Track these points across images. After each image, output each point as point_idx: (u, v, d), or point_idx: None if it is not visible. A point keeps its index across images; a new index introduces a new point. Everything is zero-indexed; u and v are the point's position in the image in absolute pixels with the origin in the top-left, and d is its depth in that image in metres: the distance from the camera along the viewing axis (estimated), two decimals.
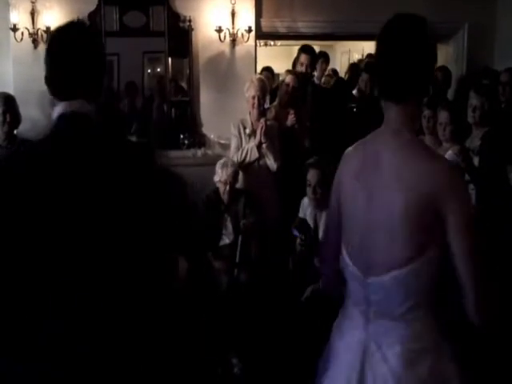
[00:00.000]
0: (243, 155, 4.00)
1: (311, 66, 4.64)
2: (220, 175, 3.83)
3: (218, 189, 3.89)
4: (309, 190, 3.43)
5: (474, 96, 3.50)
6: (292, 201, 4.14)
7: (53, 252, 1.40)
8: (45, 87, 1.55)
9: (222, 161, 3.96)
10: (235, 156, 4.03)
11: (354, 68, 6.02)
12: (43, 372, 1.40)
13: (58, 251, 1.40)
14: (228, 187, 3.82)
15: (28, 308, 1.41)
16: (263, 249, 3.84)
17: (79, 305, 1.40)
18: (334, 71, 6.56)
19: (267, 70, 5.69)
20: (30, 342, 1.40)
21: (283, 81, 4.47)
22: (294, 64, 4.96)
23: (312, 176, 3.39)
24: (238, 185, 3.98)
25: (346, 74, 6.19)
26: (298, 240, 3.29)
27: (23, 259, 1.40)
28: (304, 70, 4.55)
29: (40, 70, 5.19)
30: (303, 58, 4.59)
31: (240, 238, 3.80)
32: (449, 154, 3.48)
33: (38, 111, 4.53)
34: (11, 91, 4.19)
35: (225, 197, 3.84)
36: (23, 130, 4.07)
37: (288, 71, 4.58)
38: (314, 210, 3.49)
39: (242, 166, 4.00)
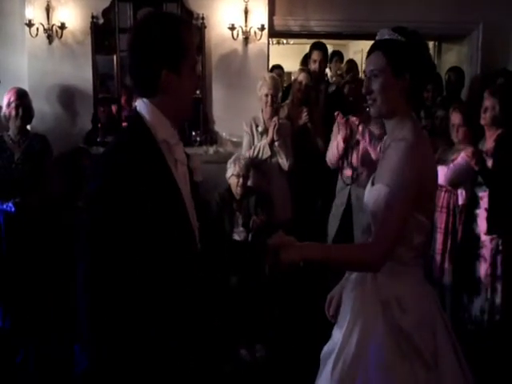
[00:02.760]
0: (255, 153, 4.00)
1: (324, 62, 4.62)
2: (233, 169, 3.84)
3: (229, 187, 3.90)
4: None
5: (486, 97, 3.48)
6: (304, 200, 4.15)
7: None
8: (59, 82, 1.59)
9: (233, 157, 3.98)
10: (247, 153, 4.03)
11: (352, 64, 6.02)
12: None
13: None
14: (241, 180, 3.83)
15: None
16: None
17: None
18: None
19: (278, 67, 5.67)
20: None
21: (296, 79, 4.46)
22: (305, 60, 4.94)
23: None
24: (250, 183, 3.98)
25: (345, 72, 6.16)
26: None
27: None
28: (317, 66, 4.54)
29: (54, 65, 5.24)
30: (315, 54, 4.58)
31: (250, 236, 3.81)
32: (461, 156, 3.47)
33: (51, 105, 4.58)
34: (26, 86, 4.21)
35: (238, 191, 3.85)
36: (36, 123, 4.11)
37: (301, 69, 4.57)
38: None
39: (254, 164, 4.00)
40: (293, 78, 5.13)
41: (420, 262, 1.81)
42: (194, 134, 4.74)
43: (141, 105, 1.58)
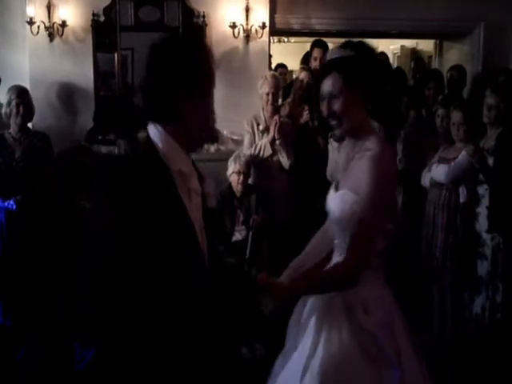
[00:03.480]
0: (256, 151, 4.00)
1: (324, 59, 4.62)
2: (233, 166, 3.85)
3: (230, 184, 3.90)
4: None
5: (489, 95, 3.47)
6: (305, 198, 4.14)
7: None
8: (60, 79, 1.57)
9: (234, 155, 3.98)
10: (248, 152, 4.03)
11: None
12: None
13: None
14: (242, 177, 3.83)
15: None
16: (275, 246, 3.84)
17: None
18: None
19: (282, 66, 5.68)
20: None
21: (297, 77, 4.46)
22: (306, 58, 4.93)
23: None
24: (251, 181, 3.98)
25: None
26: None
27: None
28: (318, 64, 4.54)
29: (55, 63, 5.24)
30: (316, 52, 4.57)
31: (250, 234, 3.81)
32: (463, 154, 3.47)
33: (52, 103, 4.58)
34: (27, 84, 4.21)
35: (238, 188, 3.85)
36: (37, 121, 4.12)
37: (302, 68, 4.57)
38: None
39: (255, 162, 4.00)
40: (294, 76, 5.14)
41: (382, 265, 1.84)
42: None
43: (154, 132, 1.51)
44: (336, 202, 1.82)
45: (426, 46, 6.55)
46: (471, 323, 3.51)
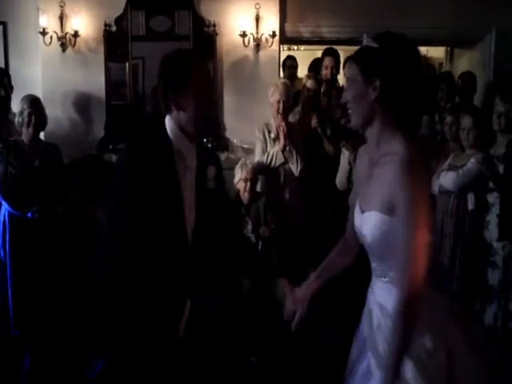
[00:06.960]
0: (268, 160, 4.00)
1: (336, 68, 4.64)
2: (240, 174, 3.84)
3: (238, 192, 3.90)
4: None
5: (499, 102, 3.45)
6: (316, 205, 4.14)
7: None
8: (72, 89, 1.69)
9: (240, 162, 3.98)
10: (260, 160, 4.03)
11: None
12: None
13: None
14: (249, 184, 3.82)
15: None
16: (285, 254, 3.83)
17: None
18: None
19: (291, 58, 5.57)
20: None
21: (304, 86, 4.47)
22: (316, 65, 4.94)
23: None
24: (259, 188, 3.98)
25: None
26: None
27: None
28: (329, 72, 4.53)
29: (67, 73, 5.28)
30: (327, 60, 4.58)
31: (260, 244, 3.81)
32: (472, 162, 3.45)
33: (65, 113, 4.63)
34: (40, 93, 4.26)
35: (245, 196, 3.84)
36: (50, 130, 4.16)
37: (308, 76, 4.58)
38: None
39: (267, 169, 4.00)
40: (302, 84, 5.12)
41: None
42: (205, 140, 4.75)
43: (167, 121, 1.93)
44: (365, 226, 1.68)
45: (437, 52, 6.51)
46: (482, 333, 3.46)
